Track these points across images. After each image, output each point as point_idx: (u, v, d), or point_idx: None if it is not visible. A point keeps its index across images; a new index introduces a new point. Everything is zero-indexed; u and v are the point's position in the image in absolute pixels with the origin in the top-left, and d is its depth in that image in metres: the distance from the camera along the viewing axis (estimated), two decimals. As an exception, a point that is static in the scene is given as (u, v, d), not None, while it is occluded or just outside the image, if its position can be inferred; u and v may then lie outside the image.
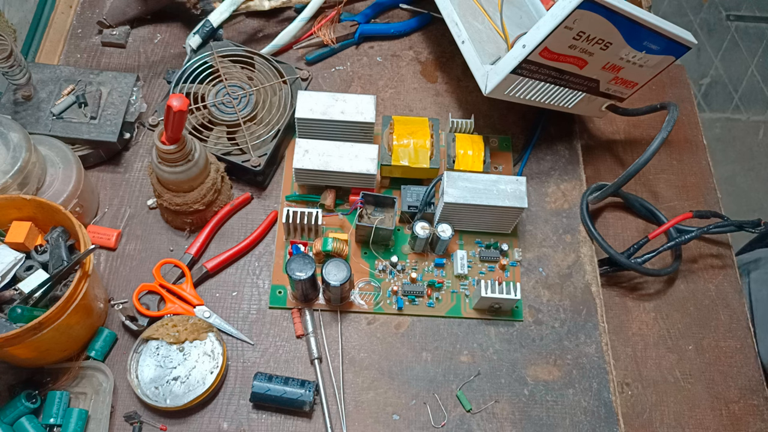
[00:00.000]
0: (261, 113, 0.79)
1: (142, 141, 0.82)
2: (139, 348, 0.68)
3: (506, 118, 0.86)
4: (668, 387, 0.78)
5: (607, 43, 0.69)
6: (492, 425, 0.68)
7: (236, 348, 0.71)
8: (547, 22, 0.65)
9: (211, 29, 0.83)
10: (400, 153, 0.76)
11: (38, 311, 0.60)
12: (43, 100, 0.78)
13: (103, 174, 0.80)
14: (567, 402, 0.70)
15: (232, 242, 0.76)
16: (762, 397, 0.78)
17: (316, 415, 0.68)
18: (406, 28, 0.92)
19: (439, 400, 0.69)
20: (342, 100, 0.76)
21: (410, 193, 0.76)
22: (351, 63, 0.90)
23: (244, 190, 0.80)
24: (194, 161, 0.69)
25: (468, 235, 0.77)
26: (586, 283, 0.76)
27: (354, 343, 0.72)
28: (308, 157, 0.73)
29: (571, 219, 0.80)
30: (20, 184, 0.67)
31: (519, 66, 0.68)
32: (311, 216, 0.73)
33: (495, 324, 0.73)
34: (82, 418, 0.64)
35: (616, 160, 0.91)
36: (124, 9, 0.88)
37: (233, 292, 0.74)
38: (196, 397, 0.66)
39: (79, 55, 0.88)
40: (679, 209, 0.87)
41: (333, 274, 0.68)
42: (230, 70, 0.81)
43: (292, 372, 0.70)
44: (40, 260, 0.65)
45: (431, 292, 0.74)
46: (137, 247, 0.76)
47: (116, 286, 0.73)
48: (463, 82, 0.89)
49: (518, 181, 0.73)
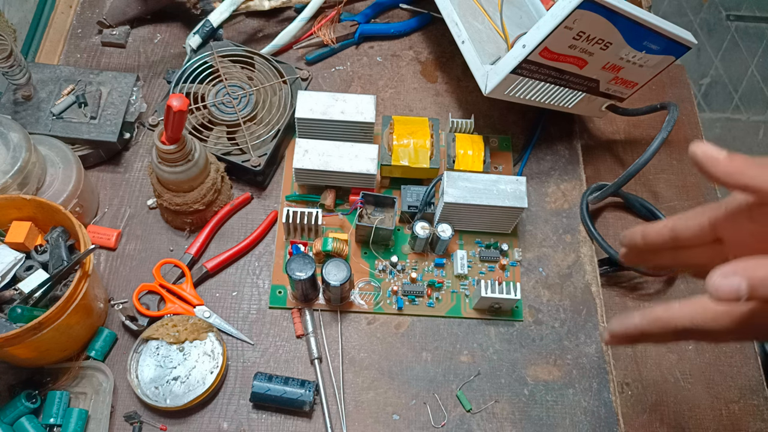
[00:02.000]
0: (261, 113, 0.79)
1: (142, 141, 0.82)
2: (139, 348, 0.68)
3: (506, 118, 0.86)
4: (668, 387, 0.78)
5: (607, 43, 0.69)
6: (492, 425, 0.68)
7: (236, 348, 0.71)
8: (547, 22, 0.65)
9: (211, 29, 0.83)
10: (400, 153, 0.76)
11: (38, 311, 0.60)
12: (43, 100, 0.78)
13: (103, 174, 0.80)
14: (567, 402, 0.70)
15: (232, 242, 0.76)
16: (762, 397, 0.78)
17: (316, 415, 0.68)
18: (406, 28, 0.92)
19: (439, 400, 0.69)
20: (342, 100, 0.76)
21: (410, 193, 0.76)
22: (351, 63, 0.90)
23: (244, 190, 0.80)
24: (194, 161, 0.69)
25: (468, 235, 0.77)
26: (586, 283, 0.76)
27: (354, 343, 0.72)
28: (308, 157, 0.73)
29: (571, 219, 0.80)
30: (20, 184, 0.67)
31: (519, 66, 0.68)
32: (311, 216, 0.73)
33: (495, 324, 0.73)
34: (82, 418, 0.64)
35: (616, 160, 0.91)
36: (124, 9, 0.88)
37: (233, 292, 0.74)
38: (196, 397, 0.66)
39: (79, 55, 0.88)
40: (679, 209, 0.87)
41: (333, 274, 0.68)
42: (230, 70, 0.81)
43: (292, 372, 0.70)
44: (40, 260, 0.65)
45: (431, 292, 0.74)
46: (137, 247, 0.76)
47: (116, 286, 0.73)
48: (463, 82, 0.89)
49: (518, 181, 0.73)
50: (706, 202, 0.88)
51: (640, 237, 0.55)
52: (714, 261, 0.48)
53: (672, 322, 0.40)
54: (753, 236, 0.46)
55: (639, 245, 0.55)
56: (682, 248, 0.53)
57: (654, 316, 0.40)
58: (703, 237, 0.50)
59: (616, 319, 0.43)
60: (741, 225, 0.47)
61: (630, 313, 0.42)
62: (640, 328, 0.41)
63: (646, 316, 0.41)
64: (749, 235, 0.46)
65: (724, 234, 0.48)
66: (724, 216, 0.48)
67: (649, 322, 0.41)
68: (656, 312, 0.40)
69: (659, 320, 0.40)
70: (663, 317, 0.40)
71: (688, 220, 0.50)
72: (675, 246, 0.52)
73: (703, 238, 0.50)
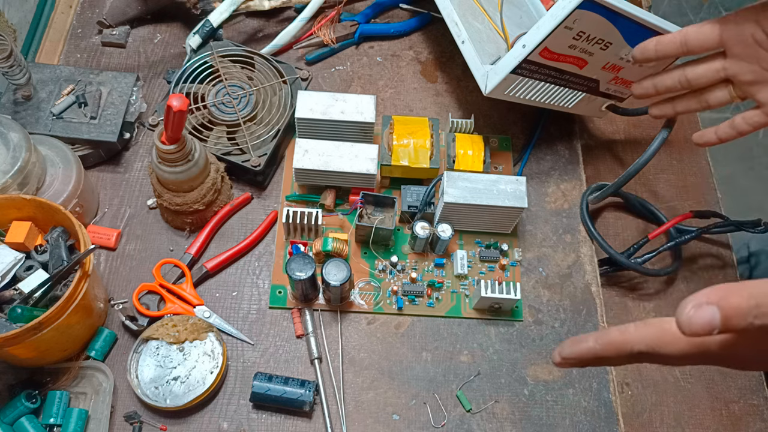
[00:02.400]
0: (261, 113, 0.79)
1: (142, 141, 0.82)
2: (139, 348, 0.68)
3: (506, 118, 0.86)
4: (668, 387, 0.78)
5: (607, 43, 0.69)
6: (492, 425, 0.68)
7: (236, 348, 0.71)
8: (547, 22, 0.65)
9: (211, 29, 0.83)
10: (400, 153, 0.76)
11: (38, 311, 0.60)
12: (43, 100, 0.78)
13: (103, 174, 0.80)
14: (567, 402, 0.70)
15: (232, 242, 0.76)
16: (762, 397, 0.78)
17: (316, 415, 0.68)
18: (406, 28, 0.92)
19: (439, 400, 0.69)
20: (342, 100, 0.76)
21: (410, 193, 0.76)
22: (351, 63, 0.90)
23: (244, 190, 0.80)
24: (194, 161, 0.69)
25: (468, 235, 0.77)
26: (586, 283, 0.76)
27: (354, 343, 0.72)
28: (308, 157, 0.73)
29: (571, 219, 0.80)
30: (20, 184, 0.67)
31: (519, 66, 0.68)
32: (311, 216, 0.73)
33: (495, 324, 0.73)
34: (82, 418, 0.64)
35: (616, 160, 0.91)
36: (124, 9, 0.88)
37: (233, 292, 0.74)
38: (196, 397, 0.66)
39: (79, 55, 0.88)
40: (679, 209, 0.87)
41: (333, 274, 0.68)
42: (230, 70, 0.81)
43: (292, 372, 0.70)
44: (40, 260, 0.65)
45: (431, 292, 0.74)
46: (137, 247, 0.76)
47: (116, 286, 0.73)
48: (463, 82, 0.89)
49: (518, 181, 0.73)
50: (706, 202, 0.89)
51: (654, 45, 0.61)
52: (716, 82, 0.60)
53: (627, 346, 0.38)
54: (754, 41, 0.54)
55: (651, 54, 0.62)
56: (689, 65, 0.61)
57: (608, 340, 0.39)
58: (711, 43, 0.57)
59: (569, 341, 0.41)
60: (745, 28, 0.54)
61: (584, 336, 0.41)
62: (593, 352, 0.40)
63: (600, 340, 0.40)
64: (751, 39, 0.54)
65: (729, 42, 0.56)
66: (731, 19, 0.55)
67: (603, 345, 0.39)
68: (611, 335, 0.39)
69: (613, 344, 0.39)
70: (618, 341, 0.39)
71: (698, 27, 0.58)
72: (685, 53, 0.59)
73: (710, 45, 0.57)
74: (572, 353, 0.41)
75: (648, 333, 0.38)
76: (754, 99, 0.59)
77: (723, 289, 0.32)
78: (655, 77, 0.66)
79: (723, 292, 0.32)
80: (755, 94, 0.59)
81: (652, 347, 0.38)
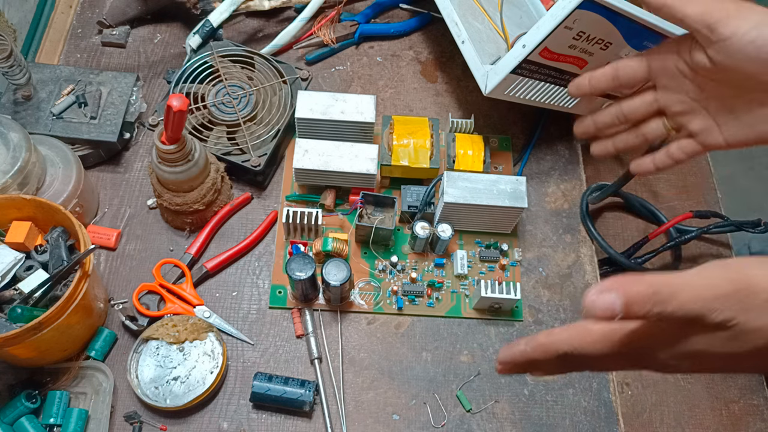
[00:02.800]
0: (261, 113, 0.79)
1: (142, 141, 0.82)
2: (139, 348, 0.68)
3: (506, 118, 0.86)
4: (668, 387, 0.78)
5: (607, 43, 0.69)
6: (492, 425, 0.68)
7: (236, 348, 0.71)
8: (547, 22, 0.65)
9: (211, 29, 0.83)
10: (400, 153, 0.76)
11: (38, 311, 0.60)
12: (43, 100, 0.78)
13: (103, 174, 0.80)
14: (567, 402, 0.70)
15: (232, 242, 0.76)
16: (762, 397, 0.78)
17: (316, 415, 0.68)
18: (406, 28, 0.92)
19: (439, 400, 0.69)
20: (342, 100, 0.76)
21: (410, 193, 0.76)
22: (351, 63, 0.90)
23: (244, 190, 0.80)
24: (194, 161, 0.69)
25: (468, 235, 0.77)
26: (586, 283, 0.76)
27: (354, 343, 0.72)
28: (308, 157, 0.73)
29: (571, 219, 0.80)
30: (20, 184, 0.67)
31: (519, 66, 0.68)
32: (311, 216, 0.73)
33: (495, 324, 0.73)
34: (82, 418, 0.64)
35: (616, 160, 0.91)
36: (124, 9, 0.88)
37: (233, 292, 0.74)
38: (196, 397, 0.66)
39: (79, 55, 0.88)
40: (679, 209, 0.87)
41: (333, 274, 0.68)
42: (230, 70, 0.81)
43: (292, 372, 0.70)
44: (40, 260, 0.65)
45: (431, 292, 0.74)
46: (137, 247, 0.76)
47: (116, 286, 0.73)
48: (463, 82, 0.89)
49: (518, 181, 0.73)
50: (707, 202, 0.89)
51: (587, 80, 0.63)
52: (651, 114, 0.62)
53: (553, 347, 0.39)
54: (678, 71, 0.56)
55: (586, 89, 0.63)
56: (624, 100, 0.63)
57: (536, 342, 0.40)
58: (640, 75, 0.59)
59: (505, 347, 0.42)
60: (668, 59, 0.57)
61: (517, 340, 0.42)
62: (525, 355, 0.41)
63: (530, 343, 0.41)
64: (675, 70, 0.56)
65: (656, 74, 0.58)
66: (655, 51, 0.58)
67: (532, 348, 0.40)
68: (539, 337, 0.40)
69: (541, 345, 0.40)
70: (545, 342, 0.40)
71: (628, 60, 0.60)
72: (617, 86, 0.61)
73: (640, 77, 0.59)
74: (506, 357, 0.42)
75: (571, 334, 0.39)
76: (687, 129, 0.59)
77: (625, 279, 0.34)
78: (595, 114, 0.66)
79: (625, 280, 0.34)
80: (687, 124, 0.59)
81: (575, 347, 0.39)
